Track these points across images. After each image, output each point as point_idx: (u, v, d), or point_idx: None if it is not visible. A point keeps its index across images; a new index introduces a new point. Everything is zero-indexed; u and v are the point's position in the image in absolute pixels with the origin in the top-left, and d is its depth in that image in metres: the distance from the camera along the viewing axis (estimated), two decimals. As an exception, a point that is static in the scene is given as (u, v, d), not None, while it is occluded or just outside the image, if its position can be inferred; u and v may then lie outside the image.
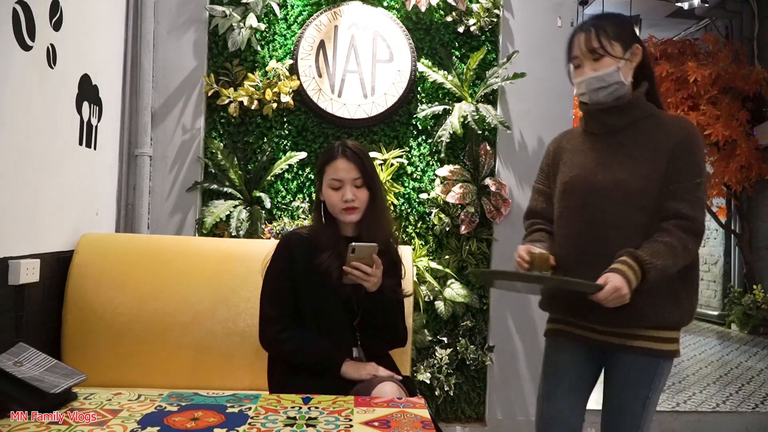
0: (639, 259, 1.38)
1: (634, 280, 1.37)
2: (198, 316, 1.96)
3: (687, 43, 5.78)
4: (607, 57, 1.48)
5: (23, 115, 1.70)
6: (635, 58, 1.52)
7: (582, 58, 1.52)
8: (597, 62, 1.49)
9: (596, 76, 1.49)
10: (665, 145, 1.47)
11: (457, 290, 2.58)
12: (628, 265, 1.38)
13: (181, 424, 1.23)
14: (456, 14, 2.66)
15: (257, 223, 2.49)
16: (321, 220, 1.69)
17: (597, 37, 1.49)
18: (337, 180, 1.63)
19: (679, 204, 1.44)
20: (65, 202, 1.99)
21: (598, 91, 1.50)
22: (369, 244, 1.56)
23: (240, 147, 2.60)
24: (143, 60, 2.49)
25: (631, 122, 1.52)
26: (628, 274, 1.37)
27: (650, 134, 1.50)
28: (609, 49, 1.48)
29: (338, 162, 1.64)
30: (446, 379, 2.57)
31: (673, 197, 1.44)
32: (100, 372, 1.87)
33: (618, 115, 1.52)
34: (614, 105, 1.51)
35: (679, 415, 3.04)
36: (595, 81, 1.49)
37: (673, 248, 1.40)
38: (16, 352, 1.38)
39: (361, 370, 1.59)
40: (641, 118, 1.52)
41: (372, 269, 1.56)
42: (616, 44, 1.49)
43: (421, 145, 2.68)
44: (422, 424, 1.28)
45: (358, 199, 1.63)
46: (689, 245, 1.42)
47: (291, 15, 2.64)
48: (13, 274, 1.67)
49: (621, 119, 1.52)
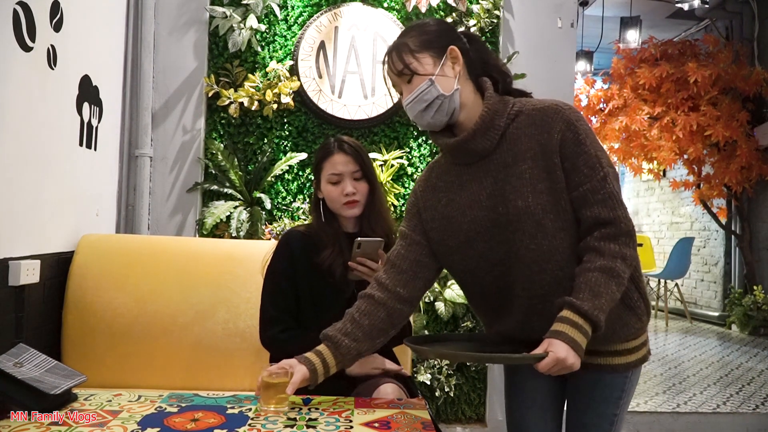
0: (581, 311, 1.17)
1: (582, 338, 1.17)
2: (198, 317, 1.96)
3: (687, 44, 5.78)
4: (416, 75, 1.28)
5: (23, 116, 1.70)
6: (456, 62, 1.29)
7: (399, 85, 1.33)
8: (411, 84, 1.29)
9: (413, 97, 1.28)
10: (550, 147, 1.24)
11: (458, 291, 2.58)
12: (572, 323, 1.17)
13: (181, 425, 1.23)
14: (456, 15, 2.67)
15: (257, 224, 2.49)
16: (321, 218, 1.68)
17: (399, 58, 1.29)
18: (336, 174, 1.62)
19: (592, 209, 1.22)
20: (65, 202, 1.99)
21: (424, 114, 1.29)
22: (375, 239, 1.55)
23: (240, 148, 2.60)
24: (144, 61, 2.49)
25: (499, 134, 1.28)
26: (573, 336, 1.16)
27: (528, 140, 1.27)
28: (415, 66, 1.27)
29: (336, 156, 1.63)
30: (446, 380, 2.57)
31: (584, 203, 1.22)
32: (101, 373, 1.87)
33: (481, 138, 1.28)
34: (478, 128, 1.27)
35: (679, 416, 3.03)
36: (414, 104, 1.28)
37: (611, 270, 1.20)
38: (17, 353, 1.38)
39: (366, 366, 1.58)
40: (507, 124, 1.29)
41: (378, 264, 1.56)
42: (423, 56, 1.28)
43: (421, 146, 2.68)
44: (422, 425, 1.27)
45: (359, 191, 1.63)
46: (626, 252, 1.21)
47: (291, 16, 2.64)
48: (14, 275, 1.67)
49: (485, 138, 1.28)
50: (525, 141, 1.27)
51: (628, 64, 5.85)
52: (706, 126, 5.33)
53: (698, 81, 5.26)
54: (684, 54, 5.71)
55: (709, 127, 5.32)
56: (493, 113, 1.28)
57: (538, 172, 1.25)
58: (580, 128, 1.25)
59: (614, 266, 1.20)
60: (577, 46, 3.80)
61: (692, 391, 3.52)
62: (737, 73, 5.34)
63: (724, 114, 5.34)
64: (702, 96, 5.37)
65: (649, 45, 5.75)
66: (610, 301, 1.20)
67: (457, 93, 1.28)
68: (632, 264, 1.25)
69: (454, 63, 1.29)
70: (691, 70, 5.31)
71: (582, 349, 1.17)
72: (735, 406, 3.22)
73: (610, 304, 1.21)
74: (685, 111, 5.46)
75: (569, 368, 1.16)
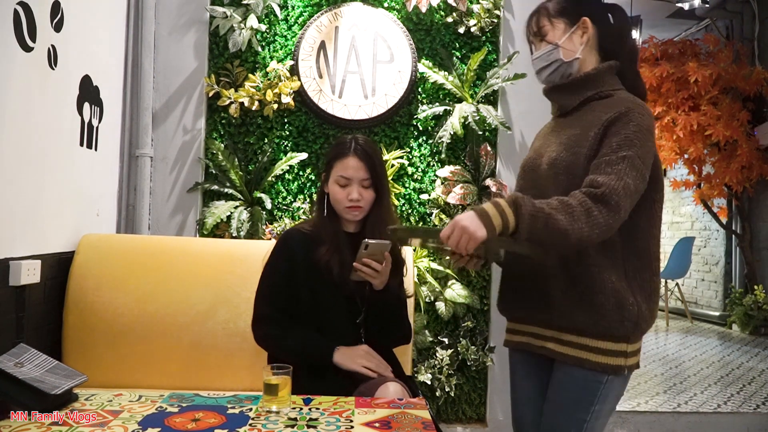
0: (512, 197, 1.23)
1: (496, 215, 1.21)
2: (199, 317, 1.97)
3: (687, 44, 5.78)
4: (545, 39, 1.45)
5: (24, 116, 1.70)
6: (586, 32, 1.43)
7: (534, 42, 1.50)
8: (542, 43, 1.46)
9: (537, 56, 1.47)
10: (600, 121, 1.35)
11: (458, 291, 2.58)
12: (494, 203, 1.23)
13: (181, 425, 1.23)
14: (456, 15, 2.67)
15: (258, 224, 2.49)
16: (323, 212, 1.68)
17: (537, 20, 1.47)
18: (345, 178, 1.61)
19: (594, 174, 1.28)
20: (66, 202, 1.99)
21: (542, 72, 1.48)
22: (382, 242, 1.54)
23: (241, 148, 2.60)
24: (144, 61, 2.49)
25: (583, 101, 1.43)
26: (487, 209, 1.21)
27: (594, 113, 1.39)
28: (548, 29, 1.45)
29: (349, 160, 1.62)
30: (447, 380, 2.57)
31: (595, 170, 1.30)
32: (101, 373, 1.87)
33: (567, 95, 1.46)
34: (564, 83, 1.45)
35: (680, 416, 3.03)
36: (537, 62, 1.48)
37: (568, 206, 1.23)
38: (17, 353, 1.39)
39: (356, 358, 1.56)
40: (594, 98, 1.42)
41: (382, 266, 1.56)
42: (558, 21, 1.44)
43: (421, 146, 2.68)
44: (423, 425, 1.27)
45: (364, 199, 1.62)
46: (594, 212, 1.22)
47: (292, 16, 2.64)
48: (14, 275, 1.67)
49: (570, 99, 1.45)
50: (592, 113, 1.39)
51: (628, 64, 5.84)
52: (706, 126, 5.33)
53: (699, 81, 5.26)
54: (684, 54, 5.70)
55: (710, 127, 5.31)
56: (585, 80, 1.42)
57: (577, 137, 1.37)
58: (635, 119, 1.32)
59: (575, 206, 1.23)
60: (577, 46, 3.79)
61: (693, 390, 3.52)
62: (738, 72, 5.33)
63: (724, 114, 5.34)
64: (702, 96, 5.36)
65: (649, 44, 5.75)
66: (547, 218, 1.21)
67: (576, 62, 1.44)
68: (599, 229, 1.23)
69: (584, 33, 1.44)
70: (691, 69, 5.30)
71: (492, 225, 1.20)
72: (736, 406, 3.22)
73: (546, 222, 1.21)
74: (685, 110, 5.45)
75: (472, 236, 1.19)
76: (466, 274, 2.67)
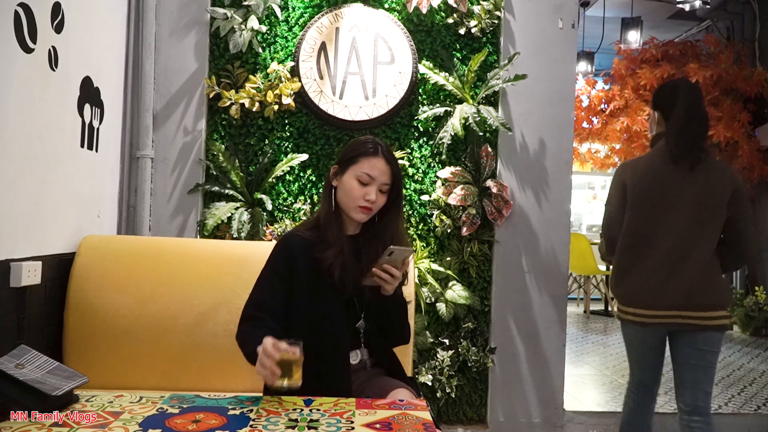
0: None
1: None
2: (199, 318, 1.96)
3: (688, 45, 5.78)
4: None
5: (25, 118, 1.70)
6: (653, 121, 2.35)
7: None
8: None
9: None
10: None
11: (459, 292, 2.58)
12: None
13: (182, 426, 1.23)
14: (457, 16, 2.67)
15: (258, 225, 2.49)
16: (331, 206, 1.65)
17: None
18: (370, 177, 1.58)
19: None
20: (67, 204, 1.99)
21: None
22: (407, 249, 1.54)
23: (241, 149, 2.60)
24: (145, 62, 2.49)
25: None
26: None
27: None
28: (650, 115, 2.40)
29: (378, 160, 1.60)
30: (448, 381, 2.57)
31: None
32: (102, 374, 1.87)
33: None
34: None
35: (681, 417, 3.02)
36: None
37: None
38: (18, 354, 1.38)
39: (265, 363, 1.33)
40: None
41: (399, 273, 1.55)
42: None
43: (422, 147, 2.68)
44: (424, 426, 1.27)
45: (377, 203, 1.61)
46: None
47: (292, 17, 2.64)
48: (15, 277, 1.67)
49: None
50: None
51: (629, 65, 5.85)
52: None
53: (699, 82, 5.26)
54: (685, 55, 5.71)
55: (711, 128, 5.31)
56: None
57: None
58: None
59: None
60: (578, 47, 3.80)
61: (694, 392, 3.51)
62: (738, 73, 5.34)
63: (725, 115, 5.34)
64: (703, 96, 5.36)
65: (650, 46, 5.75)
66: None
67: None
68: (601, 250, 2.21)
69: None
70: (692, 70, 5.31)
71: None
72: (737, 407, 3.21)
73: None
74: (686, 111, 5.45)
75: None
76: (467, 275, 2.67)
